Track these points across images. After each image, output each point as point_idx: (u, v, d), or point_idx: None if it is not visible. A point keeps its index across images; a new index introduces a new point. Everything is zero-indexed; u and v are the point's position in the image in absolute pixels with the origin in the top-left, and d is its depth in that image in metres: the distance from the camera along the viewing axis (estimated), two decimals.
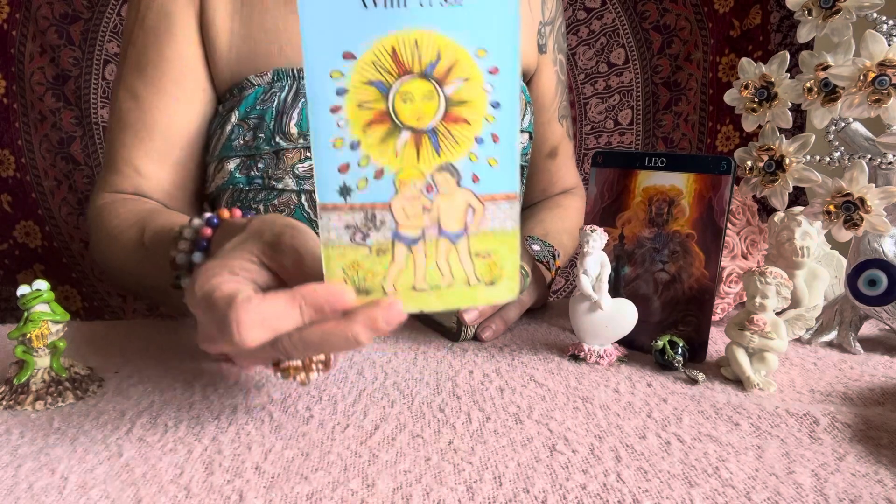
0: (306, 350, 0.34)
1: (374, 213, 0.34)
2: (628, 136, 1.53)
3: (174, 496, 0.33)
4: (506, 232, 0.36)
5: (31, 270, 1.46)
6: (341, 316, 0.34)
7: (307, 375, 0.39)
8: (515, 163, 0.35)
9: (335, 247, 0.35)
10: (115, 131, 0.70)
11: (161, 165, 0.69)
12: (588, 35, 1.49)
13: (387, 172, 0.34)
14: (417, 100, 0.33)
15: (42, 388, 0.43)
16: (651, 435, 0.38)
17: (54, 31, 1.37)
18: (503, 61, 0.33)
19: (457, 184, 0.35)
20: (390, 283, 0.35)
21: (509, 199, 0.35)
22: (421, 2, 0.32)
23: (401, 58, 0.33)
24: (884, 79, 0.47)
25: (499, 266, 0.36)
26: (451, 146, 0.34)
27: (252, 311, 0.33)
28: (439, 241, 0.35)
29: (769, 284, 0.45)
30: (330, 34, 0.32)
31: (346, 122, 0.33)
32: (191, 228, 0.49)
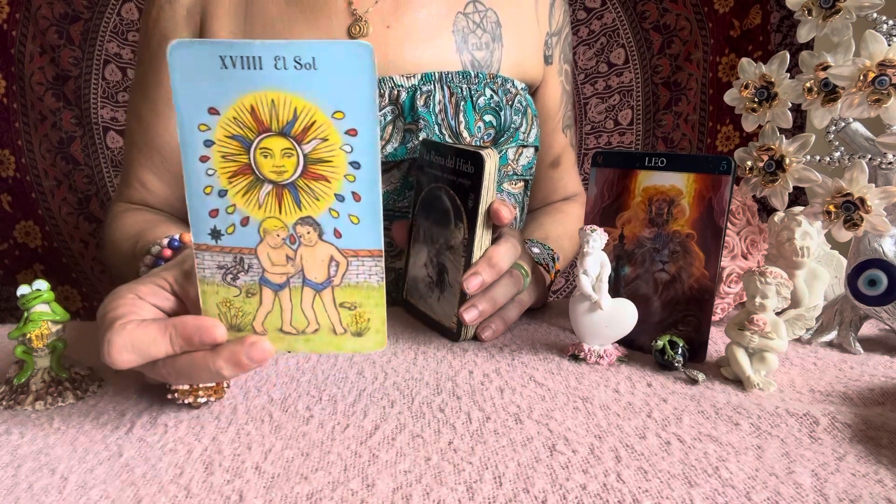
0: (178, 377, 0.37)
1: (241, 257, 0.37)
2: (628, 136, 1.53)
3: (174, 496, 0.33)
4: (371, 286, 0.38)
5: (31, 270, 1.46)
6: (210, 349, 0.36)
7: (195, 399, 0.41)
8: (378, 221, 0.36)
9: (209, 284, 0.38)
10: (126, 146, 0.76)
11: (164, 181, 0.74)
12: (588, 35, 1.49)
13: (252, 221, 0.37)
14: (277, 155, 0.36)
15: (42, 388, 0.43)
16: (651, 435, 0.38)
17: (54, 31, 1.37)
18: (361, 123, 0.35)
19: (318, 237, 0.37)
20: (259, 324, 0.38)
21: (373, 255, 0.37)
22: (276, 65, 0.33)
23: (259, 116, 0.35)
24: (884, 79, 0.47)
25: (365, 318, 0.38)
26: (312, 201, 0.36)
27: (124, 336, 0.36)
28: (304, 288, 0.38)
29: (769, 284, 0.45)
30: (197, 89, 0.34)
31: (214, 171, 0.36)
32: (158, 246, 0.54)
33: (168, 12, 0.70)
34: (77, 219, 1.45)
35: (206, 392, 0.42)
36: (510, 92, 0.71)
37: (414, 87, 0.67)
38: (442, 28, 0.70)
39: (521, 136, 0.72)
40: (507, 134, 0.70)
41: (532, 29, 0.76)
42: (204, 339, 0.36)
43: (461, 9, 0.71)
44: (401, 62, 0.68)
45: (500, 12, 0.73)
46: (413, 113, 0.66)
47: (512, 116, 0.70)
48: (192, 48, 0.34)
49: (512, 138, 0.71)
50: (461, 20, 0.71)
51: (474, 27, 0.71)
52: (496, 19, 0.72)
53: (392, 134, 0.66)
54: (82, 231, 1.46)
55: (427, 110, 0.66)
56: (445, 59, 0.69)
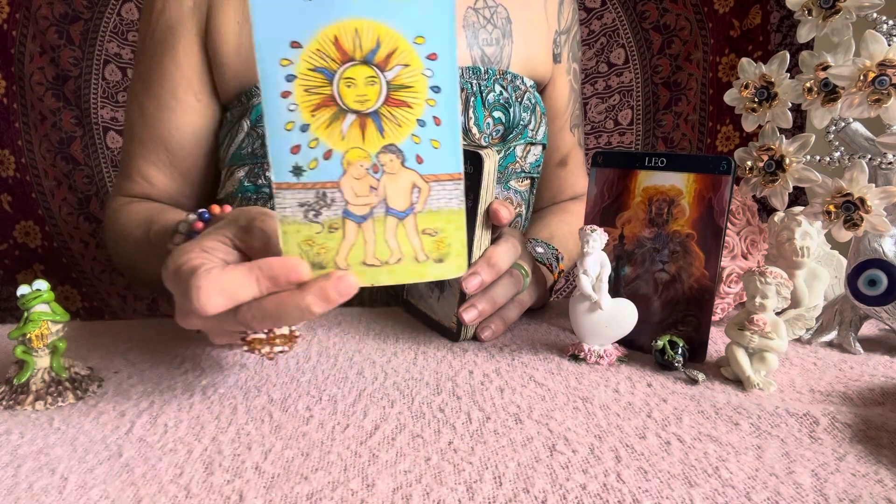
0: (264, 320, 0.37)
1: (324, 192, 0.37)
2: (628, 136, 1.53)
3: (174, 496, 0.33)
4: (452, 210, 0.38)
5: (31, 270, 1.46)
6: (296, 288, 0.36)
7: (271, 349, 0.41)
8: (458, 145, 0.36)
9: (290, 223, 0.37)
10: (126, 140, 0.75)
11: (166, 174, 0.73)
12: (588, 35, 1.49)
13: (335, 153, 0.36)
14: (360, 84, 0.36)
15: (42, 388, 0.43)
16: (651, 435, 0.38)
17: (54, 31, 1.37)
18: (441, 47, 0.35)
19: (401, 164, 0.37)
20: (342, 258, 0.38)
21: (454, 178, 0.37)
22: None
23: (343, 46, 0.35)
24: (884, 79, 0.47)
25: (446, 243, 0.38)
26: (394, 128, 0.36)
27: (212, 280, 0.35)
28: (387, 218, 0.37)
29: (769, 284, 0.45)
30: (277, 25, 0.34)
31: (296, 106, 0.36)
32: (185, 223, 0.52)
33: (174, 4, 0.69)
34: (77, 219, 1.45)
35: (283, 340, 0.41)
36: (519, 89, 0.71)
37: None
38: None
39: (530, 134, 0.72)
40: (515, 131, 0.70)
41: (541, 27, 0.76)
42: (290, 278, 0.36)
43: (472, 4, 0.71)
44: None
45: (511, 9, 0.72)
46: None
47: (521, 113, 0.70)
48: None
49: (520, 135, 0.71)
50: (471, 15, 0.70)
51: (485, 22, 0.71)
52: (506, 15, 0.72)
53: None
54: (82, 231, 1.46)
55: None
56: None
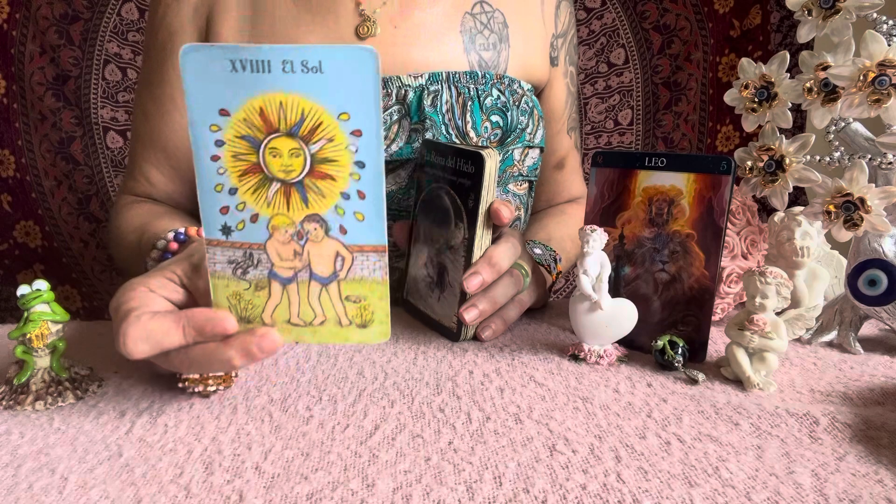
0: (191, 366, 0.39)
1: (251, 252, 0.39)
2: (628, 136, 1.53)
3: (174, 496, 0.33)
4: (376, 281, 0.39)
5: (31, 270, 1.46)
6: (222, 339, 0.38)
7: (205, 388, 0.43)
8: (382, 218, 0.38)
9: (220, 278, 0.39)
10: (132, 140, 0.77)
11: (166, 175, 0.74)
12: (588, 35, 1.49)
13: (261, 217, 0.38)
14: (285, 155, 0.37)
15: (42, 388, 0.43)
16: (651, 435, 0.38)
17: (54, 31, 1.37)
18: (366, 124, 0.36)
19: (325, 233, 0.38)
20: (268, 316, 0.40)
21: (377, 251, 0.38)
22: (284, 68, 0.35)
23: (268, 117, 0.36)
24: (884, 79, 0.47)
25: (370, 311, 0.39)
26: (318, 199, 0.38)
27: (139, 328, 0.37)
28: (311, 282, 0.39)
29: (769, 284, 0.45)
30: (208, 92, 0.36)
31: (225, 170, 0.37)
32: (164, 240, 0.55)
33: (175, 10, 0.70)
34: (77, 219, 1.45)
35: (216, 381, 0.43)
36: (517, 93, 0.71)
37: (421, 86, 0.67)
38: (449, 28, 0.70)
39: (528, 137, 0.72)
40: (513, 134, 0.70)
41: (538, 30, 0.76)
42: (216, 331, 0.37)
43: (468, 9, 0.71)
44: (408, 62, 0.68)
45: (507, 13, 0.73)
46: (420, 112, 0.66)
47: (519, 117, 0.70)
48: (202, 52, 0.35)
49: (518, 139, 0.71)
50: (468, 20, 0.71)
51: (482, 27, 0.71)
52: (503, 20, 0.72)
53: (398, 133, 0.66)
54: (82, 231, 1.46)
55: (434, 110, 0.66)
56: (453, 59, 0.69)
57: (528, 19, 0.75)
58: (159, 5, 0.71)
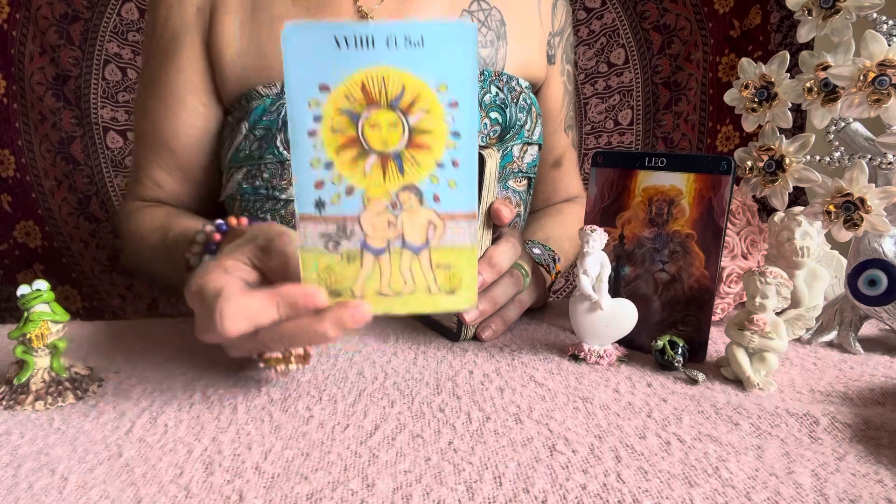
0: (282, 342, 0.39)
1: (345, 225, 0.39)
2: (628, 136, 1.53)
3: (174, 496, 0.33)
4: (465, 247, 0.39)
5: (31, 270, 1.46)
6: (314, 314, 0.38)
7: (286, 367, 0.44)
8: (474, 185, 0.38)
9: (310, 252, 0.39)
10: (136, 144, 0.77)
11: (174, 177, 0.75)
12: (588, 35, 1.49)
13: (357, 190, 0.38)
14: (384, 127, 0.38)
15: (42, 388, 0.43)
16: (651, 435, 0.38)
17: (54, 31, 1.37)
18: (462, 96, 0.37)
19: (419, 202, 0.39)
20: (359, 287, 0.40)
21: (468, 217, 0.39)
22: (387, 43, 0.36)
23: (369, 91, 0.37)
24: (884, 79, 0.47)
25: (458, 277, 0.40)
26: (415, 169, 0.38)
27: (234, 305, 0.37)
28: (403, 252, 0.39)
29: (769, 284, 0.45)
30: (309, 68, 0.36)
31: (322, 144, 0.38)
32: (203, 233, 0.55)
33: (178, 11, 0.70)
34: (77, 219, 1.45)
35: (297, 359, 0.45)
36: (515, 90, 0.71)
37: None
38: None
39: (526, 134, 0.72)
40: (512, 131, 0.70)
41: (535, 28, 0.76)
42: (308, 305, 0.38)
43: (466, 7, 0.71)
44: None
45: (505, 11, 0.73)
46: None
47: (517, 114, 0.70)
48: (307, 30, 0.36)
49: (517, 135, 0.71)
50: (466, 18, 0.71)
51: (479, 25, 0.71)
52: (500, 18, 0.73)
53: None
54: (82, 231, 1.46)
55: None
56: None
57: (525, 17, 0.75)
58: (161, 6, 0.71)
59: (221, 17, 0.69)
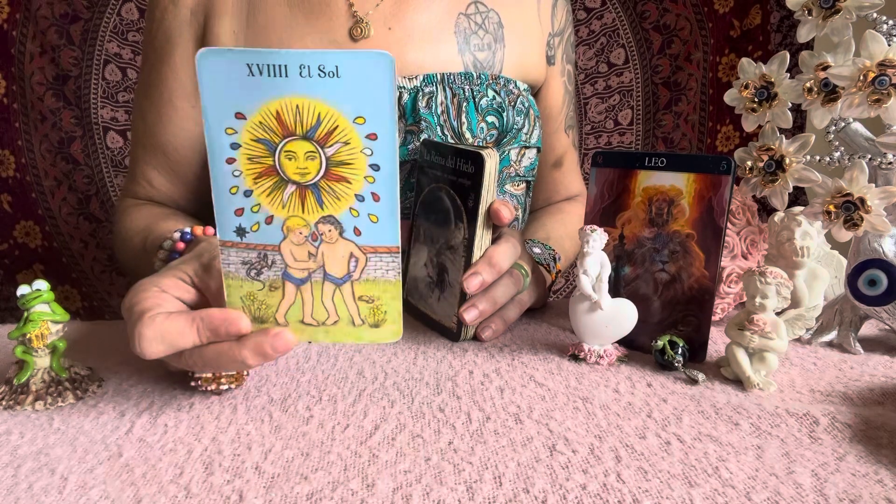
0: (205, 366, 0.39)
1: (266, 254, 0.39)
2: (628, 136, 1.53)
3: (174, 496, 0.33)
4: (388, 281, 0.39)
5: (31, 270, 1.46)
6: (236, 339, 0.38)
7: (217, 387, 0.44)
8: (395, 220, 0.38)
9: (234, 279, 0.40)
10: (132, 144, 0.78)
11: (168, 178, 0.75)
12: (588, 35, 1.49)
13: (276, 219, 0.38)
14: (300, 158, 0.37)
15: (42, 388, 0.43)
16: (651, 435, 0.38)
17: (54, 31, 1.37)
18: (381, 128, 0.37)
19: (339, 235, 0.39)
20: (281, 316, 0.40)
21: (391, 251, 0.39)
22: (301, 73, 0.35)
23: (284, 121, 0.37)
24: (884, 79, 0.47)
25: (382, 311, 0.40)
26: (333, 201, 0.38)
27: (154, 328, 0.37)
28: (325, 283, 0.40)
29: (769, 284, 0.45)
30: (224, 95, 0.36)
31: (240, 172, 0.38)
32: (170, 240, 0.55)
33: (172, 13, 0.70)
34: (77, 219, 1.45)
35: (228, 380, 0.44)
36: (512, 93, 0.71)
37: (416, 88, 0.67)
38: (443, 29, 0.70)
39: (524, 138, 0.72)
40: (509, 135, 0.70)
41: (534, 30, 0.76)
42: (230, 331, 0.38)
43: (463, 10, 0.71)
44: (402, 64, 0.68)
45: (502, 13, 0.73)
46: (415, 114, 0.66)
47: (514, 117, 0.70)
48: (220, 56, 0.35)
49: (514, 139, 0.71)
50: (463, 21, 0.71)
51: (476, 28, 0.71)
52: (498, 20, 0.72)
53: None
54: (82, 231, 1.46)
55: (429, 111, 0.66)
56: (447, 61, 0.69)
57: (523, 19, 0.75)
58: (156, 8, 0.71)
59: (216, 21, 0.69)
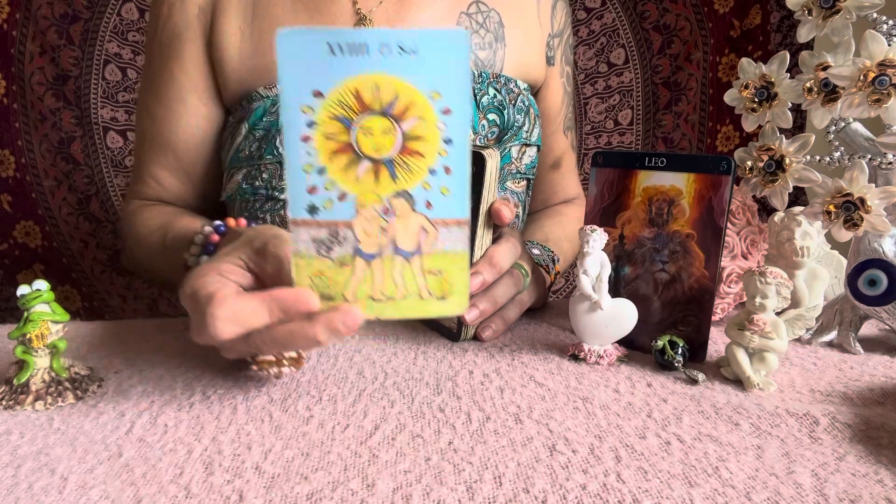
0: (274, 345, 0.39)
1: (337, 230, 0.39)
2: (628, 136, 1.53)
3: (174, 496, 0.33)
4: (457, 253, 0.40)
5: (31, 270, 1.46)
6: (306, 318, 0.38)
7: (279, 369, 0.44)
8: (466, 192, 0.38)
9: (303, 257, 0.39)
10: (137, 143, 0.77)
11: (176, 176, 0.75)
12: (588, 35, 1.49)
13: (349, 196, 0.39)
14: (377, 134, 0.38)
15: (42, 388, 0.43)
16: (651, 435, 0.38)
17: (54, 31, 1.37)
18: (455, 103, 0.37)
19: (411, 208, 0.39)
20: (351, 292, 0.40)
21: (460, 224, 0.39)
22: (381, 50, 0.36)
23: (362, 97, 0.37)
24: (884, 79, 0.47)
25: (449, 283, 0.40)
26: (407, 175, 0.38)
27: (226, 308, 0.38)
28: (395, 258, 0.40)
29: (769, 284, 0.45)
30: (302, 74, 0.36)
31: (315, 150, 0.38)
32: (202, 234, 0.55)
33: (179, 9, 0.70)
34: (77, 219, 1.45)
35: (290, 362, 0.45)
36: (513, 92, 0.71)
37: None
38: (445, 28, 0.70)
39: (524, 135, 0.72)
40: (510, 132, 0.70)
41: (534, 30, 0.76)
42: (300, 309, 0.38)
43: (464, 9, 0.71)
44: None
45: (503, 13, 0.73)
46: None
47: (515, 115, 0.70)
48: (300, 35, 0.36)
49: (515, 137, 0.71)
50: (464, 20, 0.71)
51: (477, 27, 0.71)
52: (499, 20, 0.73)
53: None
54: (82, 231, 1.46)
55: None
56: None
57: (524, 19, 0.75)
58: (163, 5, 0.71)
59: (223, 18, 0.69)
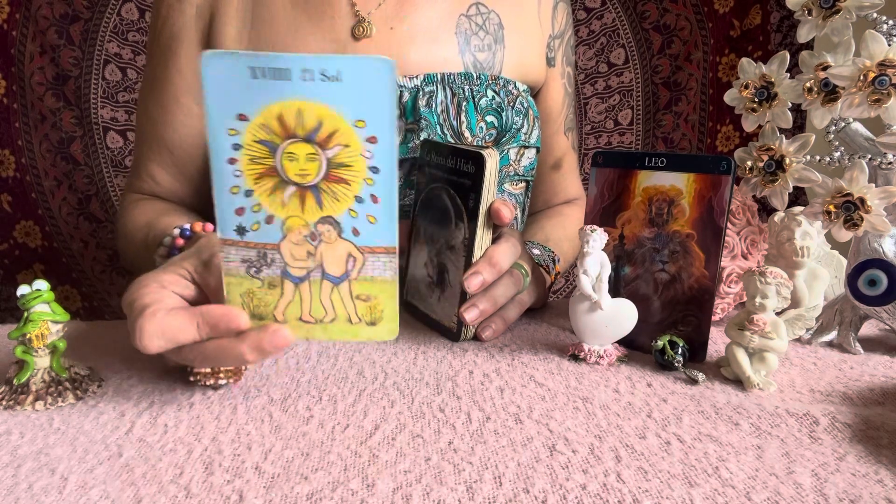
0: (204, 361, 0.40)
1: (265, 252, 0.40)
2: (628, 136, 1.53)
3: (174, 496, 0.33)
4: (385, 280, 0.40)
5: (31, 270, 1.46)
6: (235, 335, 0.38)
7: (216, 381, 0.44)
8: (394, 221, 0.39)
9: (233, 276, 0.40)
10: (137, 140, 0.78)
11: (172, 175, 0.75)
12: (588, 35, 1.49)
13: (276, 219, 0.39)
14: (301, 160, 0.38)
15: (42, 388, 0.43)
16: (651, 435, 0.38)
17: (54, 31, 1.37)
18: (380, 131, 0.37)
19: (338, 235, 0.39)
20: (280, 313, 0.41)
21: (388, 252, 0.40)
22: (303, 77, 0.36)
23: (286, 123, 0.37)
24: (884, 79, 0.47)
25: (379, 309, 0.41)
26: (333, 202, 0.39)
27: (155, 323, 0.38)
28: (323, 282, 0.40)
29: (769, 284, 0.45)
30: (227, 97, 0.37)
31: (241, 173, 0.38)
32: (170, 237, 0.56)
33: (178, 11, 0.71)
34: (77, 219, 1.45)
35: (227, 374, 0.44)
36: (512, 93, 0.71)
37: (416, 87, 0.67)
38: (444, 30, 0.70)
39: (523, 137, 0.72)
40: (508, 134, 0.70)
41: (534, 31, 0.76)
42: (229, 327, 0.38)
43: (464, 11, 0.71)
44: (403, 63, 0.68)
45: (503, 14, 0.73)
46: (415, 113, 0.66)
47: (513, 117, 0.70)
48: (223, 59, 0.36)
49: (513, 139, 0.71)
50: (464, 22, 0.71)
51: (476, 29, 0.71)
52: (498, 21, 0.73)
53: None
54: (82, 231, 1.46)
55: (429, 110, 0.66)
56: (448, 61, 0.69)
57: (524, 20, 0.75)
58: (162, 6, 0.72)
59: (221, 21, 0.69)
